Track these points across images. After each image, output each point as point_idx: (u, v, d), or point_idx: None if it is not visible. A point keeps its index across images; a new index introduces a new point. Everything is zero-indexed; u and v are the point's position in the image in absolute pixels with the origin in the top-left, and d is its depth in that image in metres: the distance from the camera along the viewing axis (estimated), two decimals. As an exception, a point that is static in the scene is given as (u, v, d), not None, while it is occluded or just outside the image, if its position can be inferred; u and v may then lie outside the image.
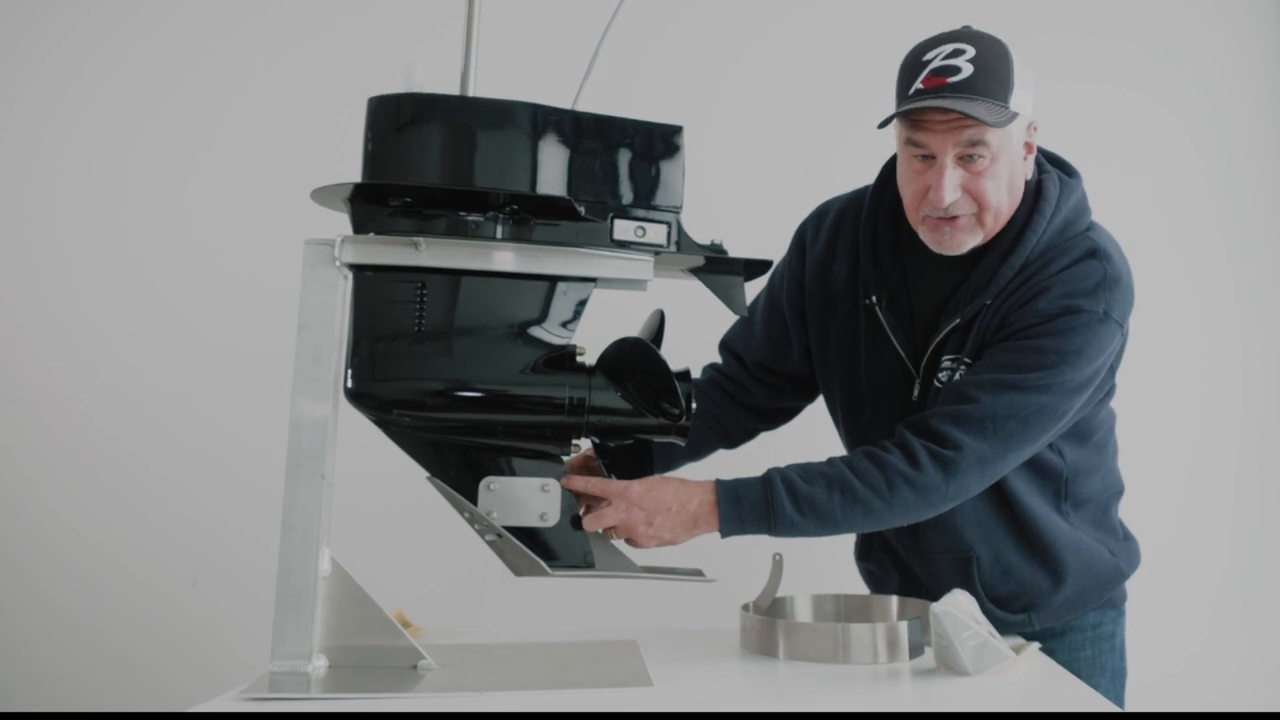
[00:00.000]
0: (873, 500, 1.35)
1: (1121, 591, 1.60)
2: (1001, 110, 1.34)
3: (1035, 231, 1.42)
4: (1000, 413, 1.35)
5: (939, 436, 1.36)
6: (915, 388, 1.48)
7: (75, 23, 2.54)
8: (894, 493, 1.34)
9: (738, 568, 1.58)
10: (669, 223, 1.33)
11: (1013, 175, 1.41)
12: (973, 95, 1.33)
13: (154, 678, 2.35)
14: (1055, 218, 1.43)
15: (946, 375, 1.44)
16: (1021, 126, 1.40)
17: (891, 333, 1.49)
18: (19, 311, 2.50)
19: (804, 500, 1.35)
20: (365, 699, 1.17)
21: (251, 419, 2.30)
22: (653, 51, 2.33)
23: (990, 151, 1.36)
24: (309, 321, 1.27)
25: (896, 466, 1.35)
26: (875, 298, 1.50)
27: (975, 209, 1.39)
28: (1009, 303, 1.41)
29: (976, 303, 1.42)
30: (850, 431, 1.61)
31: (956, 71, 1.34)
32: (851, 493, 1.35)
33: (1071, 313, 1.37)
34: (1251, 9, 2.47)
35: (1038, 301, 1.38)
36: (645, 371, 1.32)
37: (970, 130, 1.34)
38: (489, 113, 1.27)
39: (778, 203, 2.38)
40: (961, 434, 1.34)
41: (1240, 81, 2.44)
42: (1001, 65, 1.35)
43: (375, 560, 1.46)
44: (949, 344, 1.45)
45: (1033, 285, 1.40)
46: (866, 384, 1.53)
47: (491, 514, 1.31)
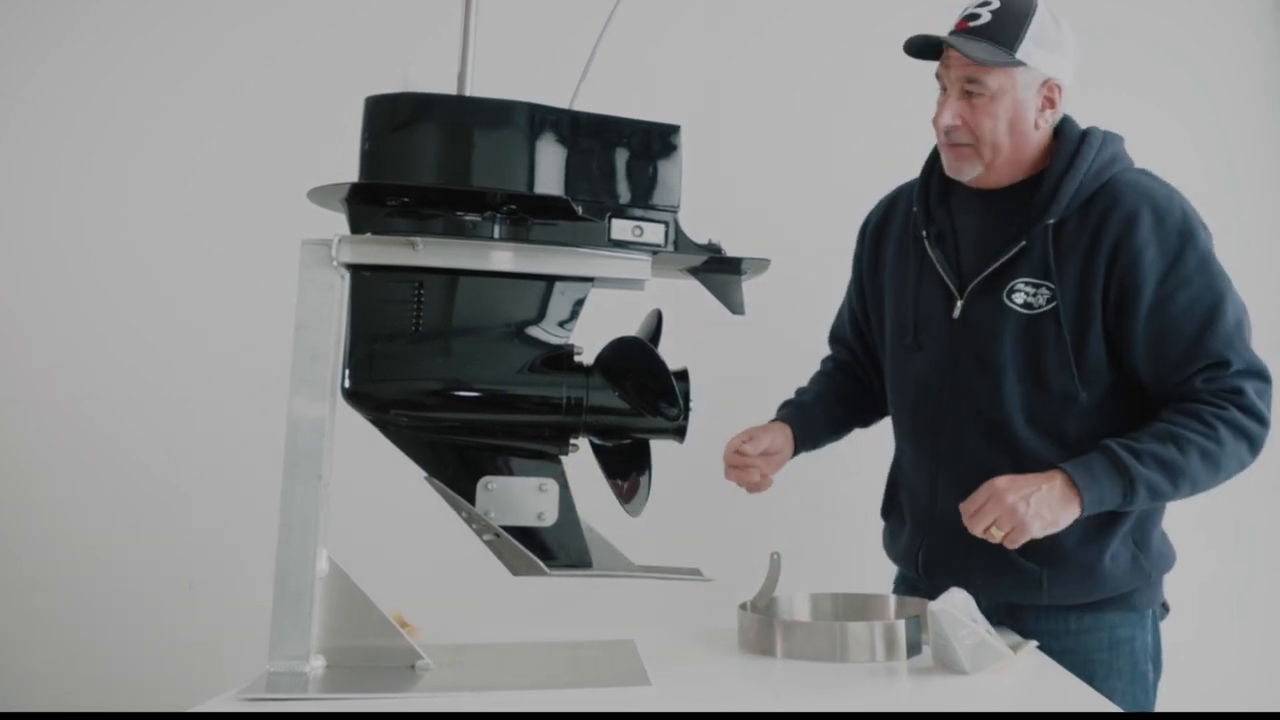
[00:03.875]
0: (1208, 444, 1.43)
1: (1146, 597, 1.58)
2: (998, 53, 1.50)
3: (1085, 159, 1.55)
4: (1238, 339, 1.49)
5: (1219, 389, 1.46)
6: (957, 308, 1.59)
7: (75, 23, 2.55)
8: (1219, 435, 1.43)
9: (735, 567, 1.58)
10: (666, 222, 1.34)
11: (1017, 119, 1.54)
12: (980, 39, 1.51)
13: (153, 678, 2.35)
14: (1105, 150, 1.57)
15: (1022, 297, 1.54)
16: (1033, 79, 1.53)
17: (937, 262, 1.63)
18: (18, 312, 2.50)
19: (1146, 455, 1.41)
20: (363, 699, 1.17)
21: (249, 419, 2.29)
22: (650, 51, 2.32)
23: (988, 90, 1.52)
24: (306, 321, 1.28)
25: (1210, 413, 1.44)
26: (925, 233, 1.66)
27: (972, 139, 1.55)
28: (1081, 224, 1.52)
29: (1041, 224, 1.53)
30: (894, 359, 1.71)
31: (977, 18, 1.53)
32: (1185, 440, 1.42)
33: (1186, 235, 1.50)
34: (1251, 10, 2.47)
35: (1138, 230, 1.49)
36: (643, 371, 1.32)
37: (969, 68, 1.52)
38: (486, 112, 1.27)
39: (776, 202, 2.39)
40: (1234, 380, 1.46)
41: (1240, 83, 2.44)
42: (1017, 18, 1.52)
43: (373, 560, 1.45)
44: (1019, 269, 1.54)
45: (1107, 207, 1.52)
46: (914, 308, 1.66)
47: (489, 514, 1.31)
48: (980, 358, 1.56)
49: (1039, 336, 1.52)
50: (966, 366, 1.58)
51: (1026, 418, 1.54)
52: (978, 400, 1.57)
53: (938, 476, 1.62)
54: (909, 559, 1.69)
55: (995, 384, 1.55)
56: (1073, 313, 1.51)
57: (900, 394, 1.71)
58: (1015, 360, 1.53)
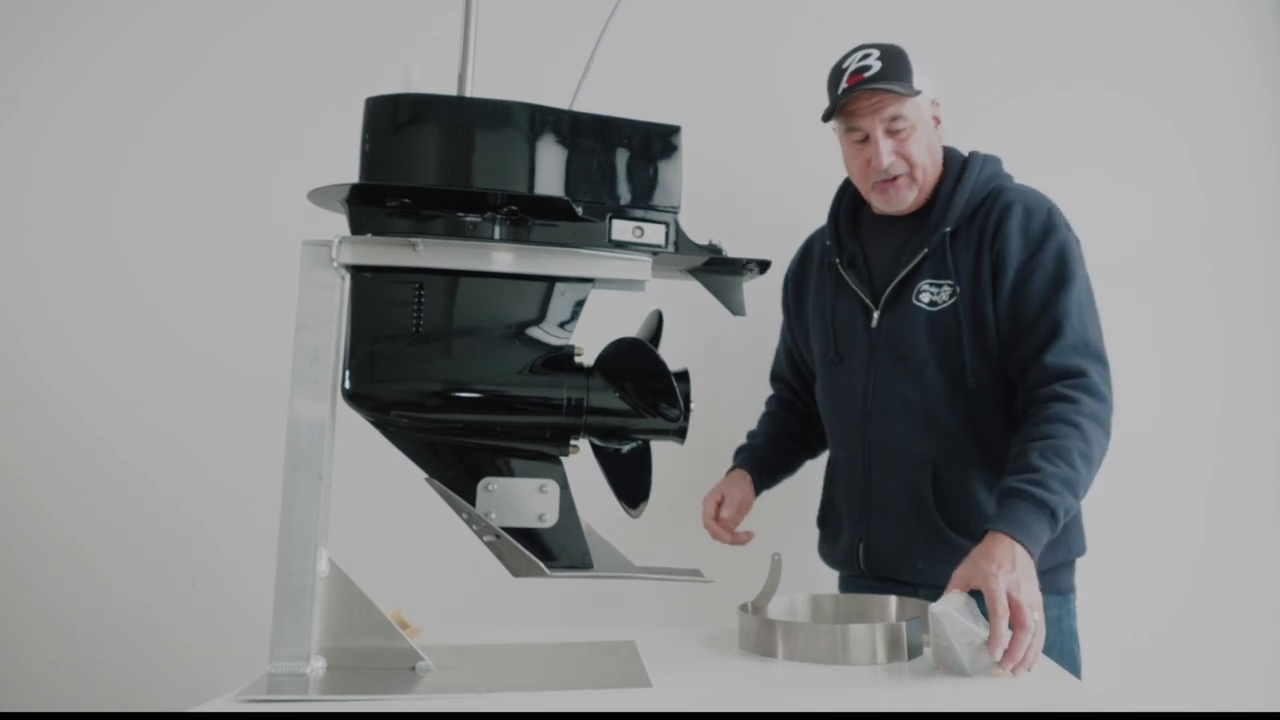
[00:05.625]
0: (1084, 446, 1.50)
1: (1066, 580, 1.72)
2: (908, 87, 1.70)
3: (971, 174, 1.76)
4: (1076, 317, 1.61)
5: (1065, 371, 1.57)
6: (874, 319, 1.77)
7: (77, 24, 2.55)
8: (1086, 432, 1.51)
9: (736, 568, 1.58)
10: (667, 223, 1.33)
11: (930, 140, 1.76)
12: (886, 81, 1.69)
13: (153, 679, 2.35)
14: (986, 167, 1.79)
15: (928, 296, 1.72)
16: (927, 102, 1.76)
17: (851, 282, 1.82)
18: (15, 313, 2.50)
19: (1053, 481, 1.45)
20: (363, 700, 1.17)
21: (250, 420, 2.30)
22: (651, 51, 2.32)
23: (908, 121, 1.72)
24: (307, 322, 1.27)
25: (1072, 412, 1.52)
26: (838, 260, 1.86)
27: (907, 168, 1.74)
28: (970, 227, 1.72)
29: (939, 233, 1.73)
30: (822, 377, 1.89)
31: (868, 69, 1.71)
32: (1068, 451, 1.48)
33: (1049, 228, 1.68)
34: (1247, 14, 2.47)
35: (1009, 221, 1.68)
36: (643, 372, 1.32)
37: (890, 106, 1.70)
38: (486, 113, 1.27)
39: (776, 203, 2.39)
40: (1075, 359, 1.58)
41: (1236, 88, 2.44)
42: (901, 59, 1.72)
43: (373, 561, 1.45)
44: (923, 273, 1.73)
45: (989, 209, 1.71)
46: (833, 325, 1.84)
47: (490, 515, 1.31)
48: (899, 356, 1.73)
49: (945, 328, 1.69)
50: (888, 366, 1.74)
51: (947, 401, 1.69)
52: (901, 393, 1.72)
53: (871, 469, 1.76)
54: (849, 558, 1.80)
55: (916, 376, 1.71)
56: (968, 303, 1.68)
57: (830, 404, 1.87)
58: (930, 353, 1.70)
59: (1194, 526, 2.32)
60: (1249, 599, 2.33)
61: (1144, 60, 2.42)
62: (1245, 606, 2.33)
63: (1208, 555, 2.31)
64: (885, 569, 1.74)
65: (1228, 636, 2.31)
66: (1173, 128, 2.40)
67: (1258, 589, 2.35)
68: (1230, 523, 2.33)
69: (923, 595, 1.57)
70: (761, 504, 1.94)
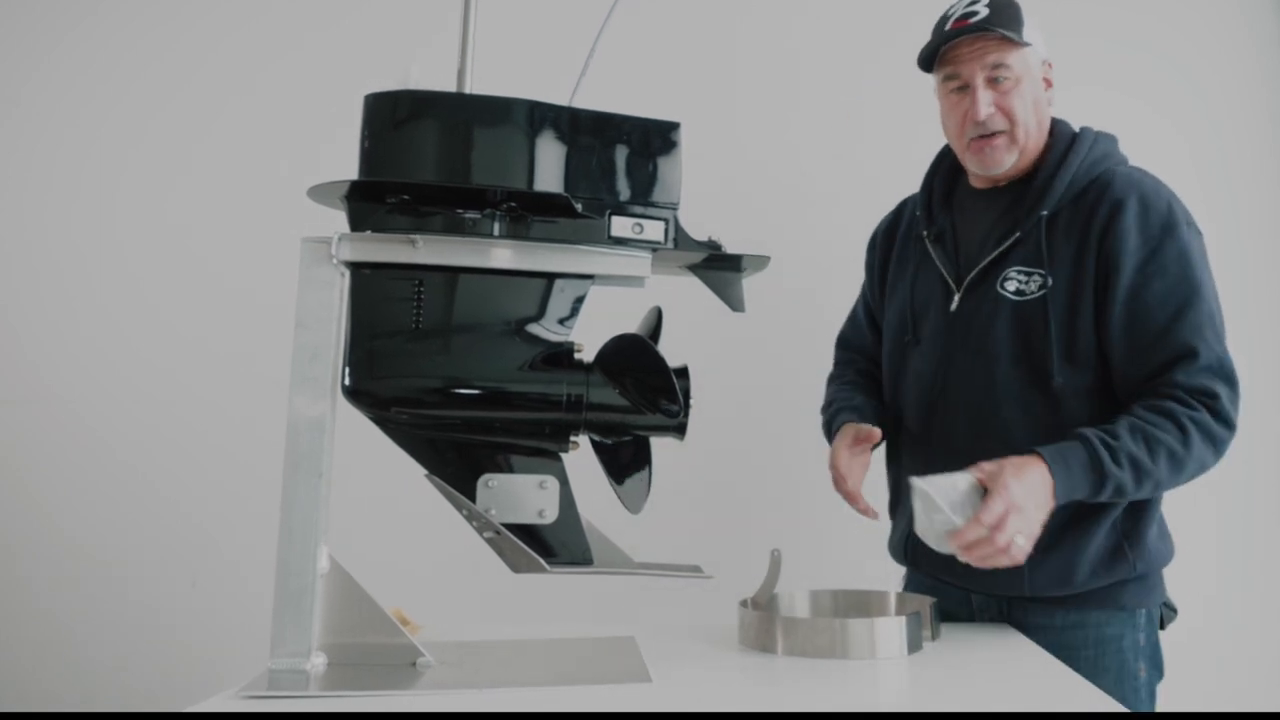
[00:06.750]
0: (1177, 447, 1.43)
1: (1135, 596, 1.57)
2: (1017, 34, 1.55)
3: (1079, 152, 1.60)
4: (1212, 333, 1.49)
5: (1197, 390, 1.46)
6: (954, 301, 1.64)
7: (75, 25, 2.55)
8: (1189, 438, 1.43)
9: (735, 564, 1.58)
10: (666, 219, 1.33)
11: (1036, 99, 1.60)
12: (992, 27, 1.55)
13: (154, 677, 2.35)
14: (1097, 146, 1.62)
15: (1015, 285, 1.57)
16: (1038, 59, 1.61)
17: (936, 259, 1.68)
18: (15, 313, 2.50)
19: (1122, 453, 1.41)
20: (364, 696, 1.17)
21: (249, 418, 2.30)
22: (650, 47, 2.33)
23: (1013, 73, 1.57)
24: (306, 320, 1.27)
25: (1185, 415, 1.44)
26: (926, 232, 1.72)
27: (1008, 125, 1.59)
28: (1074, 215, 1.56)
29: (1035, 216, 1.58)
30: (892, 356, 1.75)
31: (975, 14, 1.57)
32: (1157, 441, 1.42)
33: (1169, 225, 1.52)
34: (1247, 14, 2.47)
35: (1124, 216, 1.51)
36: (643, 368, 1.32)
37: (994, 54, 1.56)
38: (486, 109, 1.27)
39: (776, 200, 2.39)
40: (1207, 380, 1.47)
41: (1236, 88, 2.44)
42: (1012, 7, 1.58)
43: (374, 558, 1.45)
44: (1013, 259, 1.59)
45: (1097, 197, 1.55)
46: (912, 304, 1.71)
47: (490, 511, 1.31)
48: (974, 347, 1.59)
49: (1030, 322, 1.55)
50: (961, 357, 1.61)
51: (1017, 404, 1.55)
52: (970, 390, 1.60)
53: (931, 469, 1.59)
54: (900, 550, 1.73)
55: (988, 372, 1.57)
56: (1063, 299, 1.54)
57: (896, 389, 1.74)
58: (1008, 347, 1.56)
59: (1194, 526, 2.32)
60: (1249, 599, 2.33)
61: (1144, 60, 2.43)
62: (1245, 606, 2.33)
63: (1207, 555, 2.31)
64: (929, 567, 1.65)
65: (1228, 637, 2.31)
66: (1173, 127, 2.40)
67: (1258, 589, 2.35)
68: (1230, 523, 2.33)
69: (976, 602, 1.56)
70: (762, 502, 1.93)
